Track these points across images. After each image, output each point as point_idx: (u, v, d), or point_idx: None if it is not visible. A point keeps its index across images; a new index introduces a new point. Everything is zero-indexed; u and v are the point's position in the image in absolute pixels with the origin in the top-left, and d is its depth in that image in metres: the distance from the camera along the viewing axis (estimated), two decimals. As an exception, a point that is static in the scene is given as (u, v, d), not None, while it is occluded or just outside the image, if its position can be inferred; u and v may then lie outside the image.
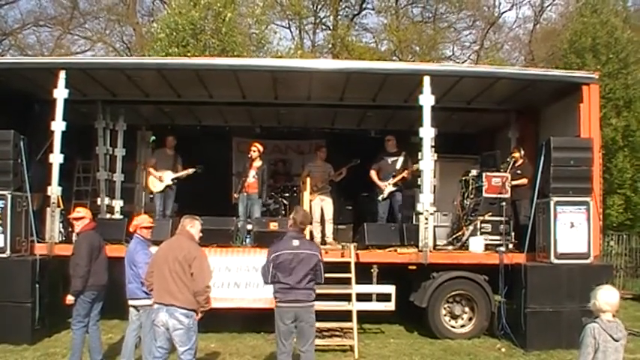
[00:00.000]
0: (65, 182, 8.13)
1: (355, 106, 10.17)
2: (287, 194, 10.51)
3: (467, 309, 7.95)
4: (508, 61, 24.25)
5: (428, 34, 24.56)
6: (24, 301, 7.09)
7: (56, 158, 7.72)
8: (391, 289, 7.76)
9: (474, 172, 9.00)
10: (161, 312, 4.80)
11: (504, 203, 8.31)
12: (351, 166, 9.44)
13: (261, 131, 11.46)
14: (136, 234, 5.86)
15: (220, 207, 9.25)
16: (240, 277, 7.54)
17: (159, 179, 9.23)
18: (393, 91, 9.14)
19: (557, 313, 7.20)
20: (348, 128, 11.56)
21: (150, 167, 9.42)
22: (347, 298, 7.42)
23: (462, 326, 7.94)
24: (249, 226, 8.56)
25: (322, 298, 6.40)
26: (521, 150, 9.03)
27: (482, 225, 8.38)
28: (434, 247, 8.10)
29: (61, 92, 7.82)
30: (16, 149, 7.46)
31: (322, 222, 9.34)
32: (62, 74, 7.86)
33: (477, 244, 8.09)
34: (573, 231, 7.41)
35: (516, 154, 8.96)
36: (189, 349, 4.84)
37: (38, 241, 7.72)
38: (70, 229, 7.42)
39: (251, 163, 9.02)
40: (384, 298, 7.75)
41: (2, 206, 7.29)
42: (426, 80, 7.91)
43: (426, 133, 7.91)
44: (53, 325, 7.51)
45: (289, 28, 25.66)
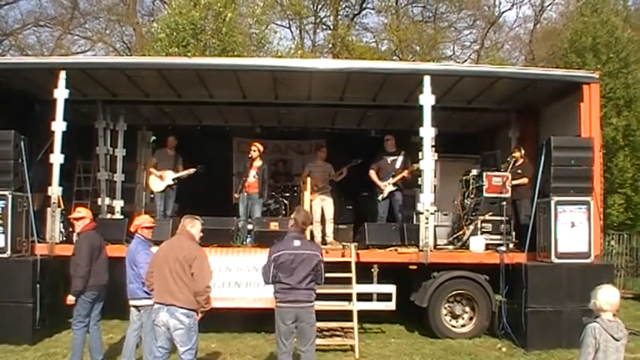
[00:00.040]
0: (66, 182, 8.13)
1: (355, 105, 10.17)
2: (287, 194, 10.50)
3: (467, 308, 7.95)
4: (508, 61, 24.24)
5: (428, 34, 24.55)
6: (25, 301, 7.09)
7: (57, 158, 7.72)
8: (392, 289, 7.75)
9: (475, 171, 8.99)
10: (162, 312, 4.80)
11: (505, 203, 8.31)
12: (352, 166, 9.43)
13: (262, 131, 11.46)
14: (137, 234, 5.86)
15: (221, 207, 9.26)
16: (240, 276, 7.54)
17: (160, 178, 9.24)
18: (393, 91, 9.13)
19: (558, 312, 7.20)
20: (348, 128, 11.55)
21: (151, 167, 9.42)
22: (348, 297, 7.41)
23: (463, 326, 7.94)
24: (250, 226, 8.56)
25: (323, 297, 6.42)
26: (521, 149, 9.03)
27: (483, 224, 8.38)
28: (434, 247, 8.09)
29: (61, 92, 7.82)
30: (16, 149, 7.46)
31: (323, 222, 9.32)
32: (62, 74, 7.86)
33: (477, 244, 8.09)
34: (574, 230, 7.41)
35: (517, 154, 8.96)
36: (189, 348, 4.84)
37: (39, 242, 7.72)
38: (70, 229, 7.43)
39: (251, 162, 9.02)
40: (385, 297, 7.75)
41: (3, 206, 7.29)
42: (427, 80, 7.91)
43: (427, 132, 7.90)
44: (54, 325, 7.50)
45: (289, 27, 25.72)
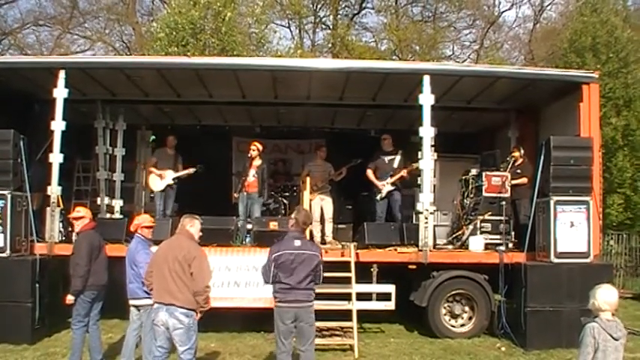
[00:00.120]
0: (65, 182, 8.13)
1: (355, 105, 10.17)
2: (287, 194, 10.50)
3: (467, 308, 7.95)
4: (508, 61, 24.24)
5: (428, 34, 24.55)
6: (24, 300, 7.09)
7: (56, 158, 7.72)
8: (391, 289, 7.76)
9: (474, 171, 8.99)
10: (161, 311, 4.80)
11: (504, 202, 8.31)
12: (352, 166, 9.43)
13: (261, 131, 11.45)
14: (137, 233, 5.85)
15: (220, 206, 9.26)
16: (240, 276, 7.54)
17: (160, 177, 9.23)
18: (392, 91, 9.13)
19: (557, 312, 7.20)
20: (347, 127, 11.55)
21: (151, 167, 9.42)
22: (347, 297, 7.42)
23: (462, 325, 7.95)
24: (249, 226, 8.56)
25: (322, 297, 6.42)
26: (521, 149, 9.03)
27: (482, 224, 8.37)
28: (434, 247, 8.10)
29: (60, 92, 7.82)
30: (15, 149, 7.46)
31: (322, 221, 9.32)
32: (62, 74, 7.85)
33: (476, 244, 8.09)
34: (573, 230, 7.41)
35: (516, 154, 8.96)
36: (189, 348, 4.84)
37: (38, 241, 7.72)
38: (69, 229, 7.41)
39: (251, 162, 9.01)
40: (384, 297, 7.75)
41: (2, 206, 7.29)
42: (426, 79, 7.91)
43: (426, 132, 7.90)
44: (53, 324, 7.50)
45: (289, 27, 25.70)
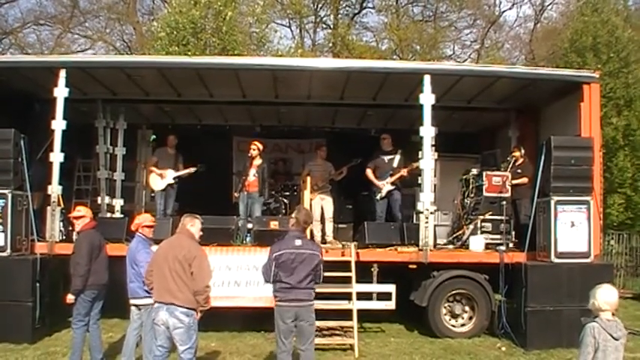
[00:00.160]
0: (65, 181, 8.13)
1: (355, 105, 10.16)
2: (287, 193, 10.48)
3: (467, 308, 7.95)
4: (508, 60, 24.25)
5: (428, 33, 24.54)
6: (24, 300, 7.09)
7: (56, 157, 7.72)
8: (391, 288, 7.75)
9: (475, 171, 9.00)
10: (161, 311, 4.80)
11: (505, 202, 8.32)
12: (352, 166, 9.43)
13: (262, 130, 11.44)
14: (137, 233, 5.85)
15: (221, 206, 9.26)
16: (240, 275, 7.54)
17: (160, 176, 9.23)
18: (393, 90, 9.12)
19: (558, 312, 7.20)
20: (348, 127, 11.54)
21: (151, 166, 9.42)
22: (347, 296, 7.42)
23: (463, 325, 7.94)
24: (250, 225, 8.56)
25: (322, 296, 6.41)
26: (521, 149, 9.03)
27: (483, 224, 8.38)
28: (434, 246, 8.09)
29: (61, 91, 7.82)
30: (16, 148, 7.46)
31: (322, 221, 9.32)
32: (62, 73, 7.86)
33: (477, 243, 8.09)
34: (574, 230, 7.41)
35: (517, 153, 8.96)
36: (189, 347, 4.84)
37: (39, 240, 7.72)
38: (70, 228, 7.40)
39: (251, 161, 9.01)
40: (385, 297, 7.75)
41: (3, 205, 7.30)
42: (427, 79, 7.90)
43: (427, 132, 7.90)
44: (54, 324, 7.51)
45: (290, 27, 25.71)
